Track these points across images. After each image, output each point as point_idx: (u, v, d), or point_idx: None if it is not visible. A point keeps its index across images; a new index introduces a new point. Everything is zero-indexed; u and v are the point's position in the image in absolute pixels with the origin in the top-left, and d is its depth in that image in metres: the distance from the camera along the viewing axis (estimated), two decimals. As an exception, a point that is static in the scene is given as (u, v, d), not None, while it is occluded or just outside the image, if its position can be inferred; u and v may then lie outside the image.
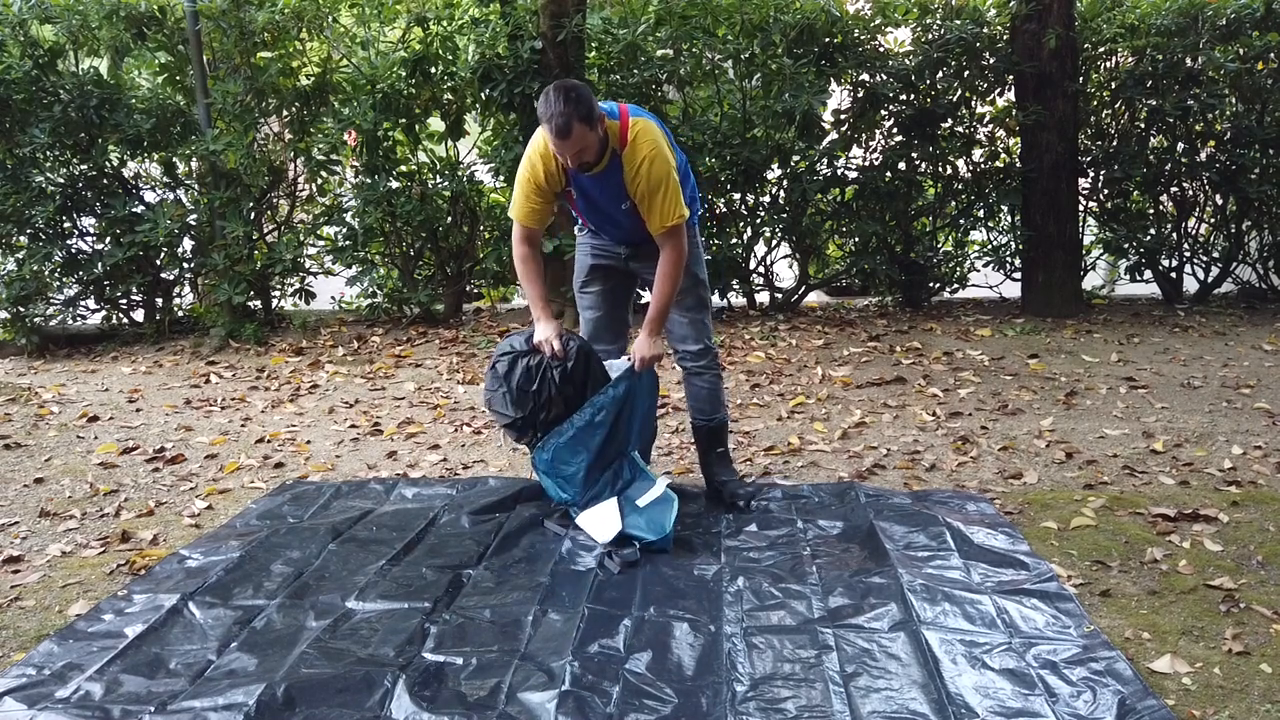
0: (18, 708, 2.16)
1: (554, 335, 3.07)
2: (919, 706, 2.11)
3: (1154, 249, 6.57)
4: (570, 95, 2.77)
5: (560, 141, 2.81)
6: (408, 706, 2.14)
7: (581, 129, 2.79)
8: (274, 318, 6.45)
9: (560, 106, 2.76)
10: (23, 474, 3.84)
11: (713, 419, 3.43)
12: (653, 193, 2.96)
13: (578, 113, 2.77)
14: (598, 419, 3.05)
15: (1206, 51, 6.09)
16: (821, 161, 6.24)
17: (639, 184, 2.96)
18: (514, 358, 3.11)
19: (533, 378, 3.06)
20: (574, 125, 2.77)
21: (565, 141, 2.80)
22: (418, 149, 6.35)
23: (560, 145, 2.82)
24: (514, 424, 3.12)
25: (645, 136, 2.94)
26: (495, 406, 3.15)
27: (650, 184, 2.95)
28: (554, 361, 3.06)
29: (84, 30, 5.98)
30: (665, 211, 2.98)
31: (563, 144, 2.81)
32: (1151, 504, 3.27)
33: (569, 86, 2.81)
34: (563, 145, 2.82)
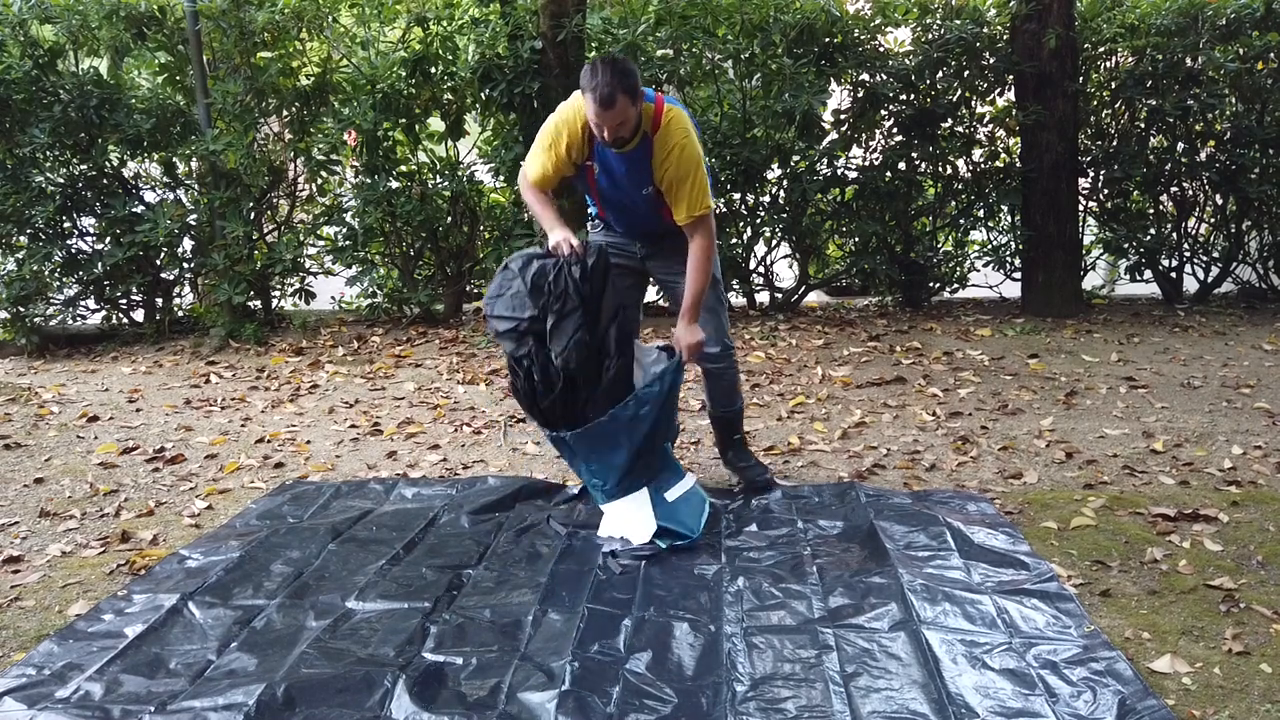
0: (18, 708, 2.16)
1: (570, 237, 2.99)
2: (919, 706, 2.11)
3: (1154, 249, 6.57)
4: (617, 67, 2.79)
5: (603, 111, 2.81)
6: (408, 706, 2.14)
7: (624, 101, 2.81)
8: (274, 318, 6.45)
9: (607, 77, 2.77)
10: (23, 474, 3.84)
11: (730, 409, 3.50)
12: (682, 180, 2.97)
13: (623, 85, 2.79)
14: (643, 412, 2.96)
15: (1206, 51, 6.09)
16: (821, 161, 6.24)
17: (668, 169, 2.96)
18: (529, 258, 3.00)
19: (547, 274, 2.93)
20: (618, 97, 2.79)
21: (608, 112, 2.81)
22: (418, 149, 6.35)
23: (602, 115, 2.82)
24: (517, 329, 2.95)
25: (678, 124, 2.96)
26: (499, 310, 2.99)
27: (680, 170, 2.96)
28: (573, 258, 2.94)
29: (84, 30, 5.98)
30: (694, 200, 3.00)
31: (605, 114, 2.81)
32: (1151, 504, 3.27)
33: (616, 59, 2.83)
34: (605, 115, 2.82)
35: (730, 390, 3.47)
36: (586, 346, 2.95)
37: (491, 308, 3.03)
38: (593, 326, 2.98)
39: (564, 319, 2.93)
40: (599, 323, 3.00)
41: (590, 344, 2.96)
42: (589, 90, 2.81)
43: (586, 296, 2.95)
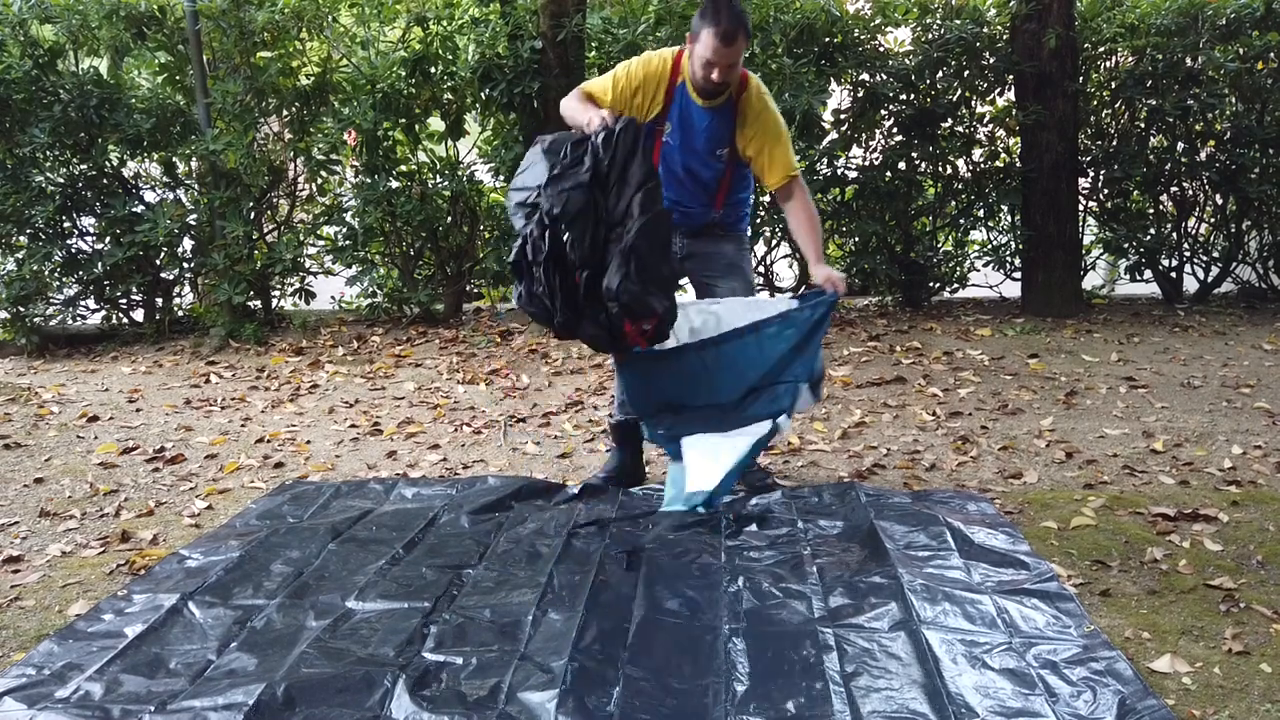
0: (17, 708, 2.16)
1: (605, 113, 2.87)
2: (919, 706, 2.11)
3: (1154, 249, 6.57)
4: (737, 9, 2.82)
5: (725, 47, 2.81)
6: (408, 706, 2.14)
7: (742, 42, 2.83)
8: (274, 318, 6.45)
9: (730, 13, 2.79)
10: (23, 474, 3.84)
11: None
12: (775, 140, 3.00)
13: (742, 24, 2.82)
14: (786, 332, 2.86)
15: (1206, 51, 6.09)
16: (821, 161, 6.24)
17: (757, 131, 2.99)
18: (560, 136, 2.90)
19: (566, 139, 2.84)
20: (739, 34, 2.81)
21: (730, 48, 2.81)
22: (418, 149, 6.35)
23: (723, 52, 2.82)
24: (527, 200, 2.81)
25: (761, 87, 3.00)
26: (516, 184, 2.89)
27: (772, 131, 3.00)
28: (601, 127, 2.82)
29: (84, 30, 5.98)
30: (788, 159, 3.04)
31: (727, 50, 2.82)
32: (1151, 504, 3.27)
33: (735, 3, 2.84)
34: (726, 52, 2.82)
35: None
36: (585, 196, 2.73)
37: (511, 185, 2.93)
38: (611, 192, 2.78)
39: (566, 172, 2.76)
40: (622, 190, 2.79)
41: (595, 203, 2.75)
42: (710, 26, 2.80)
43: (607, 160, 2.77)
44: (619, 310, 2.78)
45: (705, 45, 2.85)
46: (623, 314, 2.79)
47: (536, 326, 6.05)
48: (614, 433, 3.56)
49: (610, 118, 2.84)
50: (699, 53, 2.88)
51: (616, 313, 2.79)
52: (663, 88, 2.98)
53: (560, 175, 2.77)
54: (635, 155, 2.80)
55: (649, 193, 2.79)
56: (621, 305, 2.77)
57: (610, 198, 2.80)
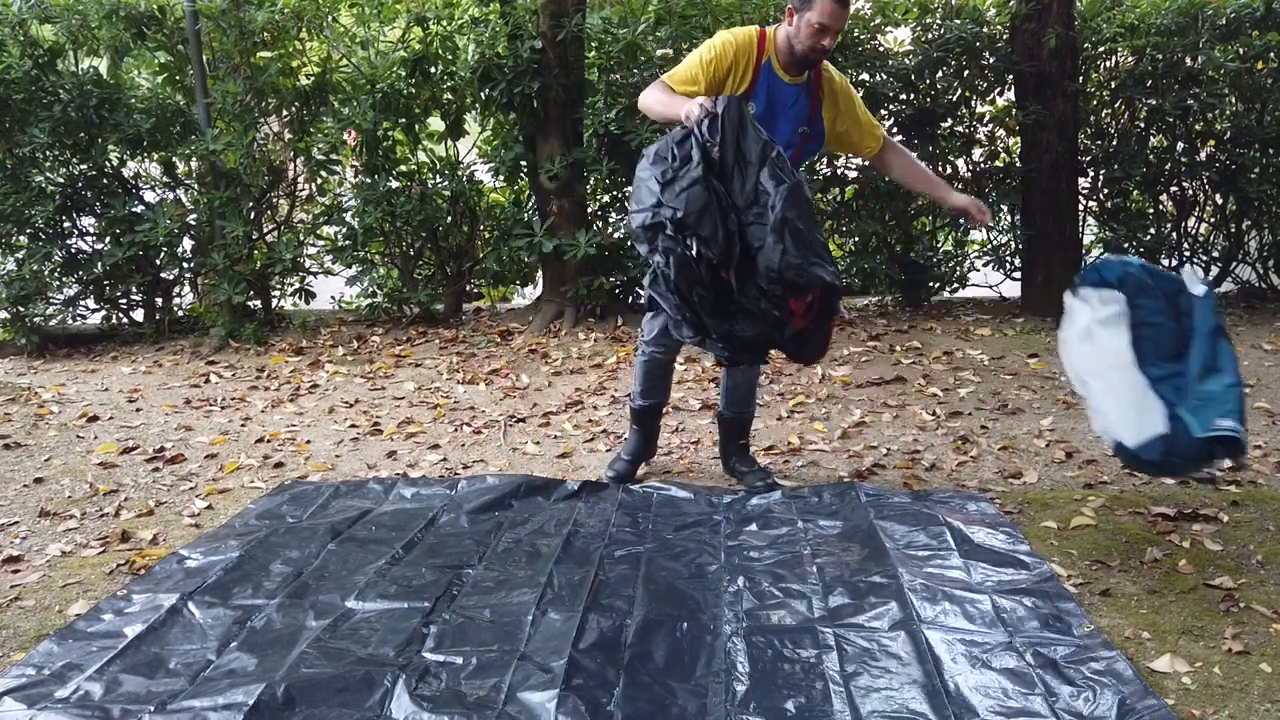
0: (17, 708, 2.16)
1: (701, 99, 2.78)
2: (919, 706, 2.11)
3: (1154, 248, 6.56)
4: None
5: (841, 9, 2.85)
6: (407, 706, 2.14)
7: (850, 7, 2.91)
8: (274, 317, 6.45)
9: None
10: (23, 474, 3.84)
11: (743, 412, 3.54)
12: (862, 109, 3.11)
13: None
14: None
15: (1206, 51, 6.09)
16: (821, 161, 6.23)
17: (846, 104, 3.07)
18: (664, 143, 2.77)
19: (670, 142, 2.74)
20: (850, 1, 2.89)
21: (844, 10, 2.87)
22: (418, 149, 6.35)
23: (839, 14, 2.86)
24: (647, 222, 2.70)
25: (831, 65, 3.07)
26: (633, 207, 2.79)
27: (857, 102, 3.10)
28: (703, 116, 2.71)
29: (84, 30, 5.98)
30: (875, 124, 3.18)
31: (842, 12, 2.86)
32: (1151, 503, 3.27)
33: None
34: (840, 14, 2.86)
35: (749, 393, 3.51)
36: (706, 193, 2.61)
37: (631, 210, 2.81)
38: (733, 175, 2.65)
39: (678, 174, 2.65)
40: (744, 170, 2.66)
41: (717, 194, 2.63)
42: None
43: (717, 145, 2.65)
44: (783, 290, 2.68)
45: (820, 10, 2.84)
46: (788, 293, 2.69)
47: (537, 326, 6.06)
48: (634, 416, 3.63)
49: (708, 102, 2.76)
50: (811, 19, 2.86)
51: (781, 294, 2.69)
52: (751, 64, 2.96)
53: (673, 179, 2.68)
54: (746, 131, 2.71)
55: (775, 164, 2.69)
56: (786, 283, 2.67)
57: (733, 182, 2.70)
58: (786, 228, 2.64)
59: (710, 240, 2.64)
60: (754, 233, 2.69)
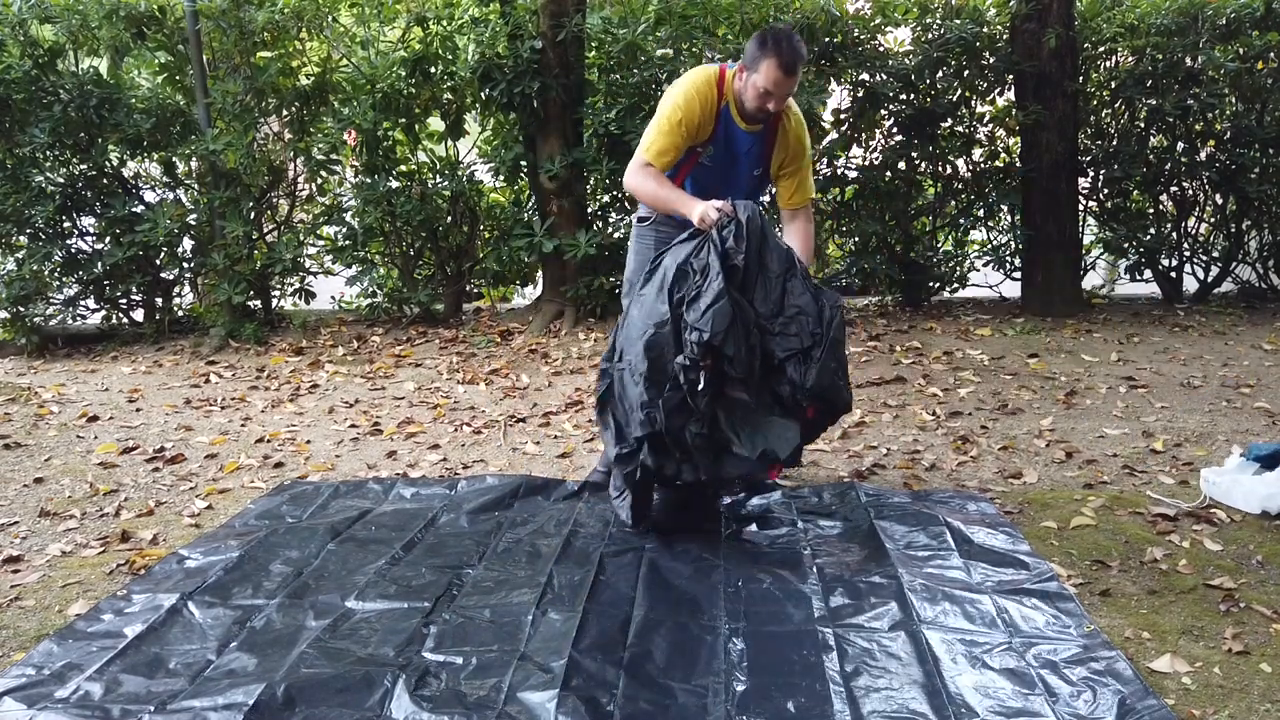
0: (17, 708, 2.16)
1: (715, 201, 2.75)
2: (919, 706, 2.11)
3: (1154, 248, 6.57)
4: (796, 37, 2.83)
5: (786, 78, 2.81)
6: (407, 706, 2.14)
7: (800, 73, 2.84)
8: (274, 317, 6.45)
9: (791, 45, 2.80)
10: (23, 474, 3.84)
11: None
12: (807, 165, 3.07)
13: (802, 55, 2.82)
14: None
15: (1206, 51, 6.09)
16: (821, 161, 6.24)
17: (794, 152, 3.02)
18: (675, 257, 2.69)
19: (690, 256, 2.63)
20: (799, 66, 2.83)
21: (790, 79, 2.83)
22: (418, 149, 6.35)
23: (784, 83, 2.82)
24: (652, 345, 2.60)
25: (797, 110, 3.02)
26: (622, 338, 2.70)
27: (805, 155, 3.05)
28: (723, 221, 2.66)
29: (84, 30, 5.98)
30: (809, 183, 3.13)
31: (787, 81, 2.83)
32: (1151, 504, 3.27)
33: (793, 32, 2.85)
34: (786, 83, 2.83)
35: None
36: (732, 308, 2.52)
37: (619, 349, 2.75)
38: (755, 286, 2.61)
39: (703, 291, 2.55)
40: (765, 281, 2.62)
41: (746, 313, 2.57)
42: (772, 55, 2.78)
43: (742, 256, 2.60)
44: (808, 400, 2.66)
45: (765, 76, 2.82)
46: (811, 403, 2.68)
47: (537, 326, 6.06)
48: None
49: (725, 205, 2.73)
50: (757, 82, 2.85)
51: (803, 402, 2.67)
52: (712, 112, 2.96)
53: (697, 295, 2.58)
54: (768, 238, 2.69)
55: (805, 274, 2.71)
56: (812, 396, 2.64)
57: (754, 292, 2.65)
58: (837, 349, 2.65)
59: (736, 357, 2.56)
60: (779, 343, 2.65)
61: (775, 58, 2.78)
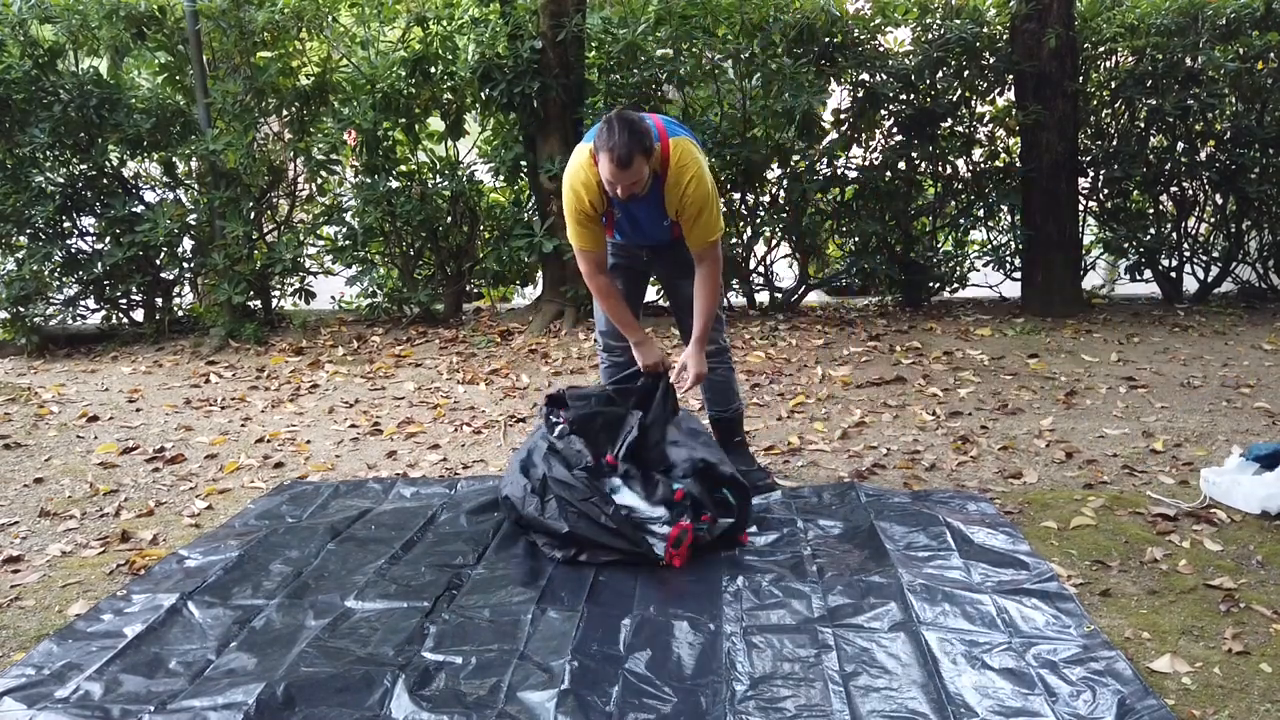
0: (17, 707, 2.16)
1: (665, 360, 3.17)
2: (919, 706, 2.11)
3: (1154, 249, 6.57)
4: (633, 128, 2.81)
5: (620, 171, 2.82)
6: (407, 706, 2.14)
7: (640, 161, 2.84)
8: (274, 317, 6.45)
9: (624, 138, 2.79)
10: (23, 474, 3.84)
11: (729, 409, 3.55)
12: (697, 213, 3.02)
13: (639, 146, 2.81)
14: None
15: (1206, 51, 6.09)
16: (821, 161, 6.24)
17: (685, 204, 3.00)
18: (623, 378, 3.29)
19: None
20: (635, 157, 2.82)
21: (625, 171, 2.82)
22: (418, 149, 6.36)
23: (619, 175, 2.83)
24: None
25: (687, 157, 2.98)
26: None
27: (694, 204, 3.00)
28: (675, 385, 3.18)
29: (84, 30, 5.98)
30: (707, 228, 3.06)
31: (622, 174, 2.83)
32: (1151, 504, 3.27)
33: (630, 119, 2.83)
34: (621, 175, 2.83)
35: (726, 388, 3.51)
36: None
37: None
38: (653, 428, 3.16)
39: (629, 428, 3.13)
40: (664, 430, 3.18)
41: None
42: (604, 151, 2.81)
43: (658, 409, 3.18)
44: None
45: (603, 168, 2.87)
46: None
47: (537, 326, 6.06)
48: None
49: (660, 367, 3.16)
50: (601, 173, 2.89)
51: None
52: (599, 194, 3.02)
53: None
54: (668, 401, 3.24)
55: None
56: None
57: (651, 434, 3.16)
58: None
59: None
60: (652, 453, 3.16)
61: (607, 152, 2.81)
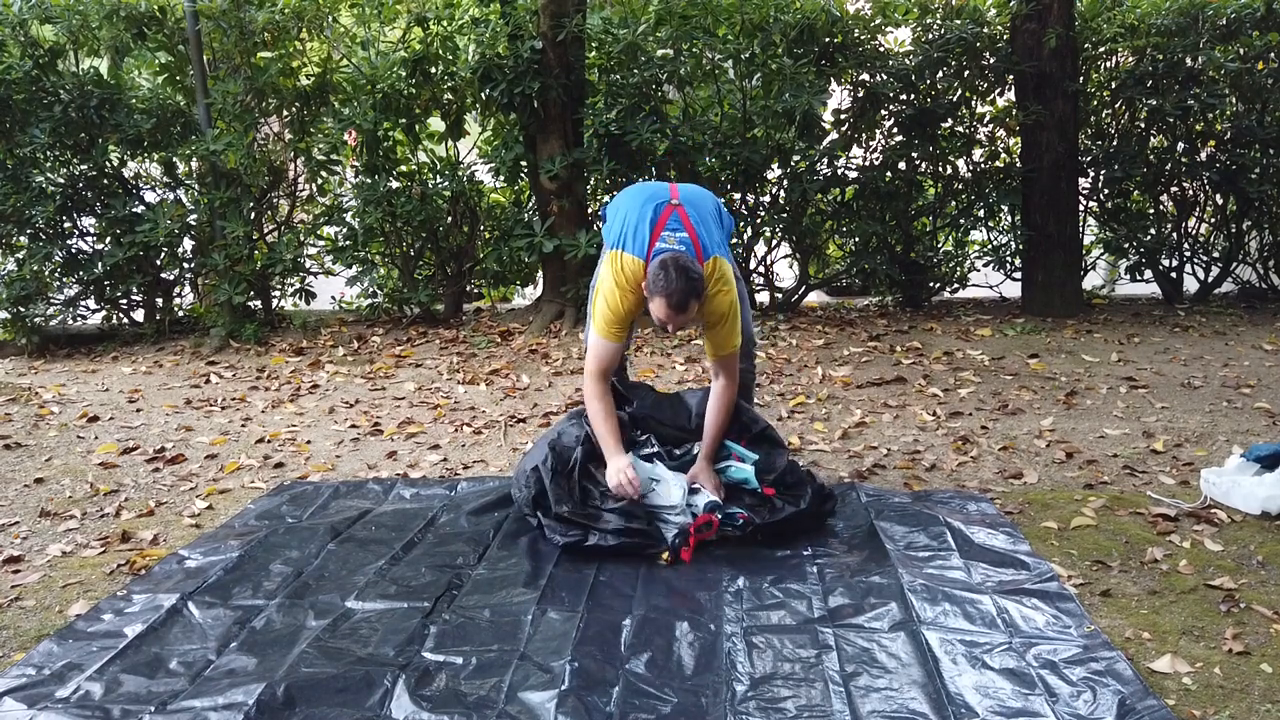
0: (17, 708, 2.16)
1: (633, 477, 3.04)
2: (919, 706, 2.11)
3: (1154, 249, 6.57)
4: (688, 274, 2.88)
5: (677, 316, 2.90)
6: (407, 706, 2.14)
7: (694, 306, 2.92)
8: (274, 318, 6.45)
9: (681, 284, 2.87)
10: (23, 474, 3.84)
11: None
12: (719, 320, 3.09)
13: (694, 292, 2.89)
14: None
15: (1207, 51, 6.09)
16: (821, 161, 6.24)
17: (708, 313, 3.07)
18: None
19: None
20: (690, 304, 2.90)
21: (681, 316, 2.91)
22: (418, 149, 6.36)
23: (674, 319, 2.91)
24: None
25: (719, 273, 3.05)
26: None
27: (717, 312, 3.07)
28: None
29: (84, 30, 5.98)
30: (724, 340, 3.11)
31: (679, 317, 2.91)
32: (1152, 504, 3.27)
33: (690, 268, 2.90)
34: (678, 319, 2.92)
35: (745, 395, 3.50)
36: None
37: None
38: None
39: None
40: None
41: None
42: (660, 295, 2.88)
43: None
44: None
45: (658, 311, 2.93)
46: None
47: (537, 326, 6.06)
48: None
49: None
50: (654, 311, 2.95)
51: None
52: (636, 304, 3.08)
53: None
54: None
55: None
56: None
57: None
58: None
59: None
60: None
61: (664, 298, 2.87)
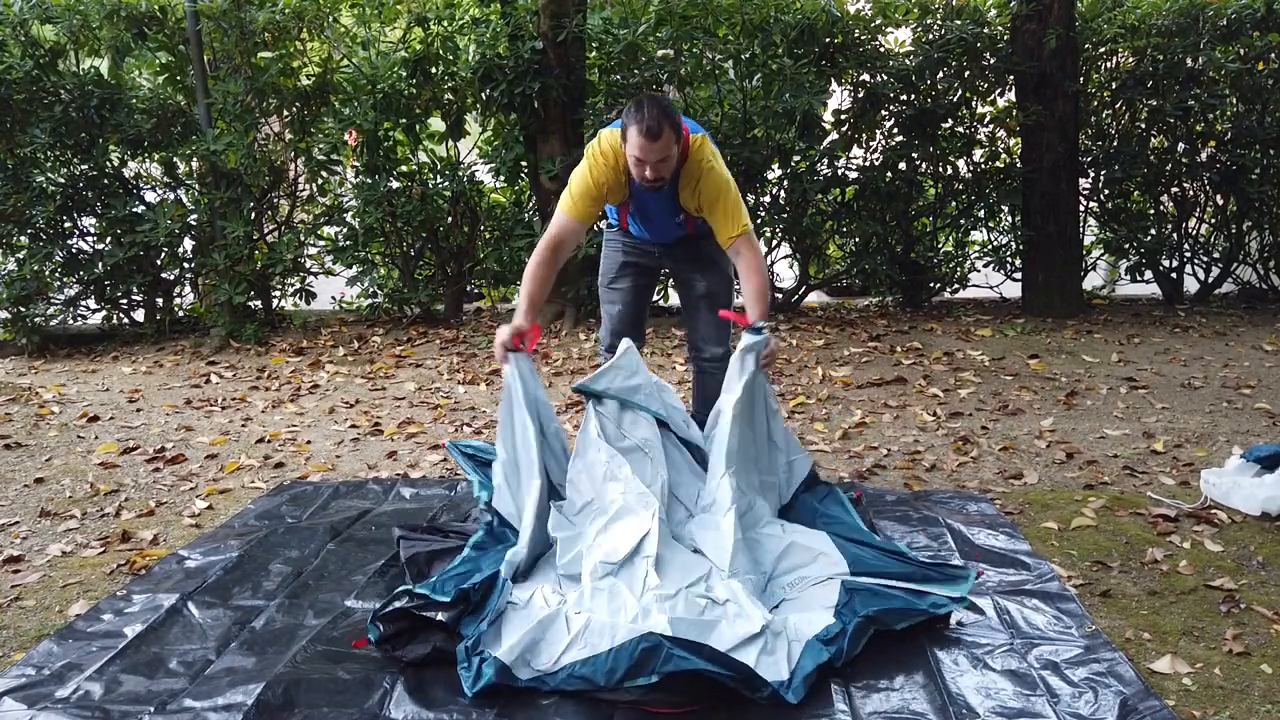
0: (17, 707, 2.16)
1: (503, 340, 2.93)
2: (920, 706, 2.11)
3: (1154, 249, 6.57)
4: (662, 106, 2.82)
5: (650, 144, 2.79)
6: (407, 706, 2.14)
7: (669, 136, 2.81)
8: (274, 318, 6.45)
9: (654, 112, 2.78)
10: (23, 474, 3.84)
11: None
12: (715, 198, 2.98)
13: (669, 120, 2.80)
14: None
15: (1207, 51, 6.09)
16: (822, 161, 6.24)
17: (701, 193, 2.98)
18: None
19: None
20: (665, 130, 2.79)
21: (654, 144, 2.79)
22: (418, 149, 6.35)
23: (648, 149, 2.80)
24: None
25: (705, 150, 2.98)
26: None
27: (711, 191, 2.97)
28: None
29: (84, 30, 5.98)
30: (731, 216, 2.99)
31: (652, 146, 2.80)
32: (1152, 504, 3.27)
33: (659, 99, 2.84)
34: (651, 148, 2.80)
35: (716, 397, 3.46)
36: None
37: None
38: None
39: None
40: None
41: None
42: (634, 124, 2.80)
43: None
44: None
45: (632, 143, 2.85)
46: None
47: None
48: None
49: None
50: (629, 151, 2.88)
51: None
52: (623, 179, 3.00)
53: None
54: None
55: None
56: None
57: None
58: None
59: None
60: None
61: (636, 125, 2.80)
